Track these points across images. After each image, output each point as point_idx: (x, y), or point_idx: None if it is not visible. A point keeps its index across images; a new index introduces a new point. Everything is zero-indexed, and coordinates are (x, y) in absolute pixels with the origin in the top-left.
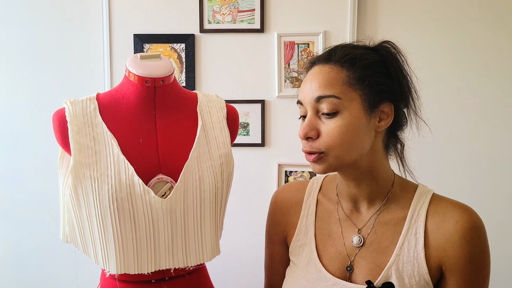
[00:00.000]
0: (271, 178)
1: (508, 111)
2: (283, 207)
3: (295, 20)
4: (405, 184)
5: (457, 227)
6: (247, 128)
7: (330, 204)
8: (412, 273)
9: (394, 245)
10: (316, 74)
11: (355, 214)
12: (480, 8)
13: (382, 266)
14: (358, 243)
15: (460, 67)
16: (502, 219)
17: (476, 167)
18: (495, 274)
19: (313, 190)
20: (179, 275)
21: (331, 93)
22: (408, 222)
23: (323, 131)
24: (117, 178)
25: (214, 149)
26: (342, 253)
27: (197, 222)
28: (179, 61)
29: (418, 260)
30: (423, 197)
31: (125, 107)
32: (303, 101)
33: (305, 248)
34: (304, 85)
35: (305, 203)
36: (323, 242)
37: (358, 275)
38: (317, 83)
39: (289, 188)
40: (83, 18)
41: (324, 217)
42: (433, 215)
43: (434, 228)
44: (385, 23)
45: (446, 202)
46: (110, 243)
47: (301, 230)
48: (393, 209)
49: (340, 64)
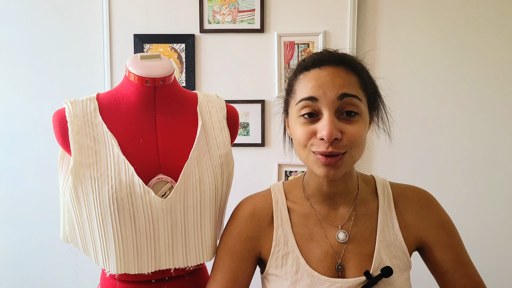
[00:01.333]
0: (271, 178)
1: (508, 111)
2: (254, 221)
3: (295, 20)
4: (363, 176)
5: (420, 204)
6: (247, 128)
7: (303, 208)
8: (397, 253)
9: (375, 233)
10: (335, 73)
11: (333, 212)
12: (480, 8)
13: (371, 255)
14: (344, 239)
15: (460, 67)
16: (502, 219)
17: (476, 167)
18: (496, 274)
19: (279, 198)
20: (179, 275)
21: (355, 93)
22: (381, 210)
23: (346, 131)
24: (117, 178)
25: (214, 149)
26: (329, 252)
27: (197, 222)
28: (179, 61)
29: (398, 240)
30: (385, 186)
31: (125, 107)
32: (321, 98)
33: (289, 257)
34: (317, 82)
35: (276, 213)
36: (306, 246)
37: (350, 269)
38: (341, 81)
39: (254, 200)
40: (83, 18)
41: (301, 222)
42: (398, 199)
43: (402, 209)
44: (385, 23)
45: (402, 186)
46: (110, 243)
47: (280, 241)
48: (365, 202)
49: (351, 68)
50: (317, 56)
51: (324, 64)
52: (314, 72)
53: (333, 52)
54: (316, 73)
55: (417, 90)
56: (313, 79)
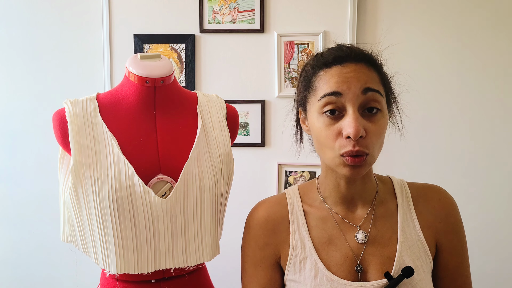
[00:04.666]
0: (271, 178)
1: (508, 111)
2: (268, 227)
3: (295, 20)
4: (380, 177)
5: (441, 204)
6: (247, 128)
7: (320, 211)
8: (419, 254)
9: (395, 235)
10: (359, 69)
11: (351, 215)
12: (480, 8)
13: (392, 257)
14: (363, 239)
15: (460, 67)
16: (502, 219)
17: (476, 167)
18: (496, 274)
19: (295, 201)
20: (179, 275)
21: (377, 88)
22: (401, 210)
23: (369, 131)
24: (117, 178)
25: (214, 149)
26: (349, 256)
27: (197, 222)
28: (179, 61)
29: (420, 241)
30: (403, 186)
31: (125, 107)
32: (345, 93)
33: (307, 261)
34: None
35: (292, 216)
36: (325, 250)
37: (371, 272)
38: (365, 76)
39: (268, 205)
40: (83, 18)
41: (318, 225)
42: (417, 199)
43: (422, 209)
44: (385, 23)
45: (421, 185)
46: (110, 243)
47: (297, 245)
48: (384, 203)
49: (371, 65)
50: (338, 52)
51: (345, 61)
52: (336, 69)
53: (353, 48)
54: (338, 69)
55: (417, 90)
56: (336, 75)
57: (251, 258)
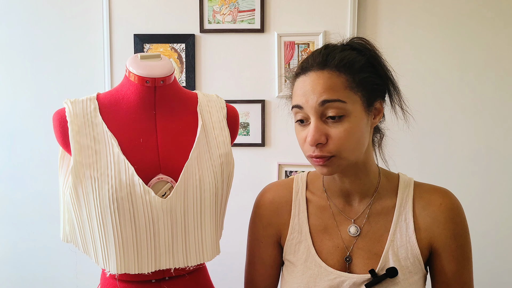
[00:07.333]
0: (271, 178)
1: (508, 111)
2: (273, 208)
3: (295, 20)
4: (388, 173)
5: (442, 208)
6: (247, 128)
7: (321, 200)
8: (407, 255)
9: (387, 233)
10: (316, 80)
11: (348, 207)
12: (480, 8)
13: (379, 254)
14: (355, 233)
15: (460, 67)
16: (502, 219)
17: (476, 166)
18: (496, 274)
19: (300, 188)
20: (179, 275)
21: (336, 97)
22: (397, 210)
23: (332, 135)
24: (117, 178)
25: (214, 149)
26: (340, 246)
27: (197, 222)
28: (179, 61)
29: (410, 243)
30: (408, 185)
31: (125, 107)
32: (304, 106)
33: (301, 245)
34: (301, 90)
35: (294, 202)
36: (319, 237)
37: (357, 265)
38: (321, 88)
39: (275, 188)
40: (83, 18)
41: (317, 213)
42: (419, 200)
43: (421, 211)
44: (385, 23)
45: (428, 187)
46: (110, 243)
47: (295, 229)
48: (383, 199)
49: (337, 69)
50: (304, 62)
51: (308, 70)
52: (300, 80)
53: (319, 54)
54: (302, 80)
55: (417, 90)
56: (299, 87)
57: (254, 234)
